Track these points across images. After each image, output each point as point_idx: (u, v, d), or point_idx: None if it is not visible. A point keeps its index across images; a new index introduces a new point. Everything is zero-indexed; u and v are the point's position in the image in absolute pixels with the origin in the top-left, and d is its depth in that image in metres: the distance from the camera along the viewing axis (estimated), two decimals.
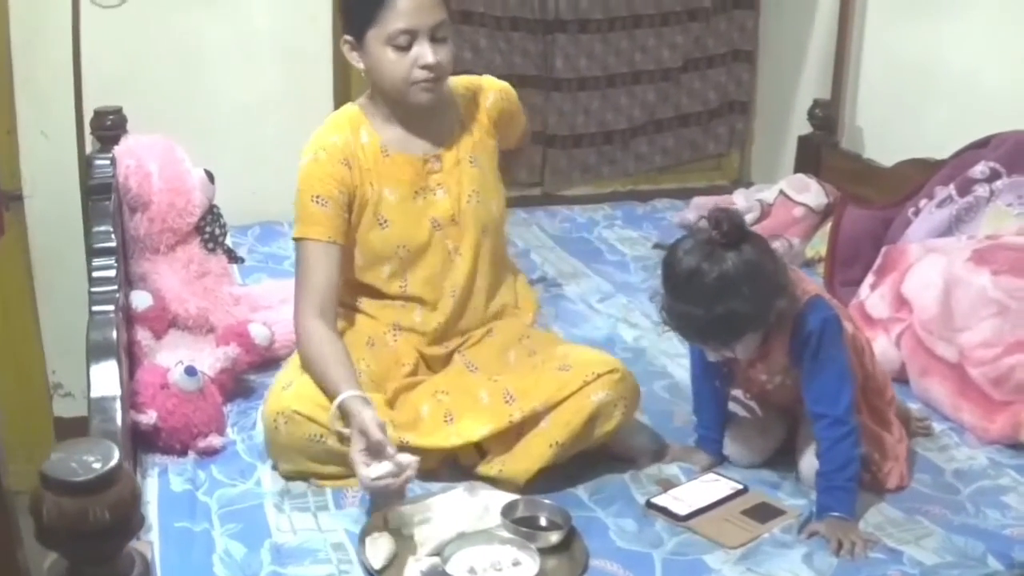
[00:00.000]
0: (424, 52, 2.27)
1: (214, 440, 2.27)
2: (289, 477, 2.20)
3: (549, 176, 3.99)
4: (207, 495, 2.14)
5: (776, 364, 2.17)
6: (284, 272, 3.14)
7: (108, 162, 2.43)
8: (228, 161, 3.36)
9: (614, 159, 4.05)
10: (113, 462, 1.35)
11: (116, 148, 2.60)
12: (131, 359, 2.41)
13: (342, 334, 2.36)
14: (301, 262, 2.32)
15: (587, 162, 4.02)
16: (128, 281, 2.58)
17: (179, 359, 2.35)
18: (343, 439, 2.10)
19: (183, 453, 2.25)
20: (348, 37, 2.34)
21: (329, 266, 2.30)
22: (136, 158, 2.55)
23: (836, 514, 2.04)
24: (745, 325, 2.05)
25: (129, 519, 1.37)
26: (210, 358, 2.42)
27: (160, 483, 2.17)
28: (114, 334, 1.95)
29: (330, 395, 2.12)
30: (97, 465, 1.34)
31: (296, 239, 2.33)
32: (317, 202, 2.30)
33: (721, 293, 2.00)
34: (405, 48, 2.27)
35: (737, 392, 2.35)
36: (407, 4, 2.25)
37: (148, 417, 2.21)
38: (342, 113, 2.44)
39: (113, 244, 2.27)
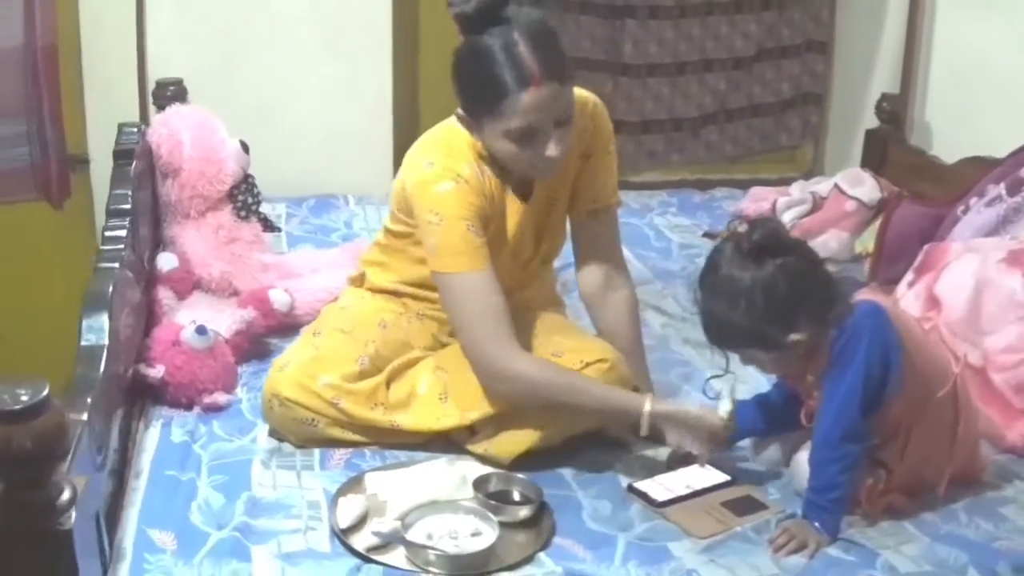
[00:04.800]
0: (548, 146, 2.09)
1: (219, 397, 2.35)
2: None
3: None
4: (202, 448, 2.22)
5: (819, 368, 2.07)
6: (330, 243, 3.24)
7: (135, 130, 2.54)
8: (288, 135, 3.49)
9: (683, 147, 4.01)
10: (40, 396, 1.43)
11: (155, 117, 2.72)
12: (151, 317, 2.52)
13: (357, 307, 2.41)
14: (468, 296, 2.15)
15: (655, 149, 4.00)
16: (161, 243, 2.70)
17: (197, 319, 2.44)
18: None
19: (189, 407, 2.34)
20: (461, 112, 2.16)
21: (499, 292, 2.16)
22: (169, 127, 2.67)
23: (816, 524, 1.99)
24: (735, 338, 2.03)
25: (52, 448, 1.45)
26: (228, 320, 2.51)
27: (162, 434, 2.26)
28: (110, 289, 2.04)
29: (625, 412, 2.15)
30: (25, 397, 1.43)
31: (450, 272, 2.16)
32: (472, 230, 2.14)
33: (720, 296, 2.00)
34: (525, 141, 2.10)
35: None
36: (533, 102, 2.04)
37: (156, 371, 2.31)
38: (460, 139, 2.20)
39: (128, 207, 2.36)
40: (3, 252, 3.34)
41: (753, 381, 2.38)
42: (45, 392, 1.44)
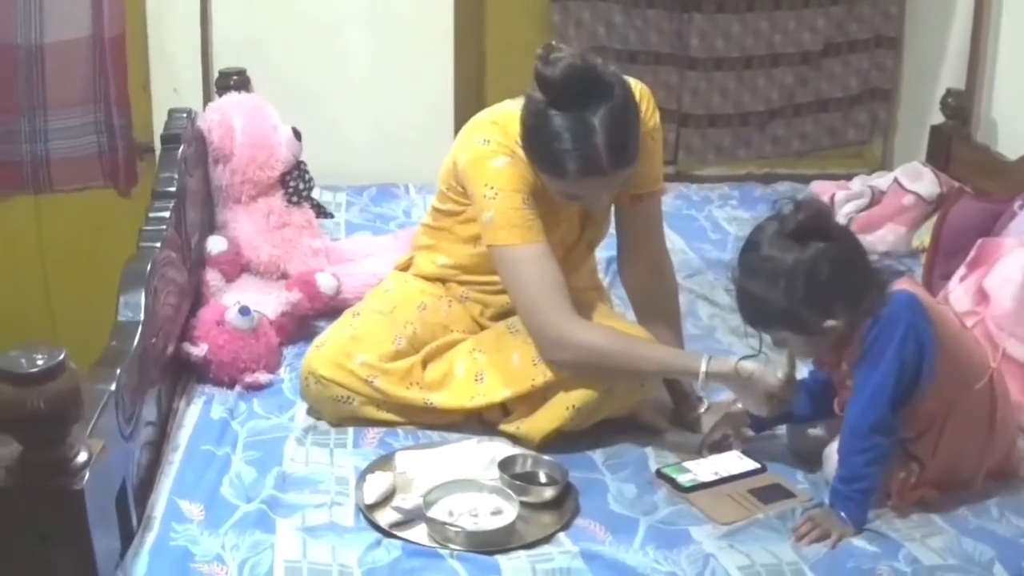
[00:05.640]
0: (597, 203, 2.23)
1: (260, 376, 2.41)
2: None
3: (683, 155, 3.97)
4: (240, 425, 2.28)
5: (854, 359, 2.04)
6: (388, 231, 3.29)
7: (184, 115, 2.63)
8: (350, 124, 3.55)
9: (750, 141, 3.99)
10: (56, 361, 1.50)
11: (209, 104, 2.79)
12: (200, 298, 2.59)
13: (399, 289, 2.44)
14: (526, 267, 2.18)
15: (722, 143, 3.98)
16: (213, 227, 2.78)
17: (243, 300, 2.50)
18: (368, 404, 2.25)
19: (231, 386, 2.40)
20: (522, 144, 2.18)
21: (556, 264, 2.20)
22: (221, 113, 2.75)
23: (842, 514, 1.96)
24: (772, 318, 1.99)
25: (66, 411, 1.51)
26: (274, 302, 2.57)
27: (202, 410, 2.32)
28: (148, 267, 2.11)
29: (683, 372, 2.21)
30: (41, 362, 1.49)
31: (506, 245, 2.18)
32: (527, 204, 2.18)
33: (759, 275, 1.96)
34: (576, 199, 2.20)
35: None
36: (594, 185, 2.12)
37: (199, 350, 2.38)
38: (514, 124, 2.19)
39: (173, 189, 2.43)
40: (72, 238, 3.48)
41: None
42: (61, 357, 1.51)
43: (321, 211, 2.96)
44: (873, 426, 1.95)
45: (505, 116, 2.23)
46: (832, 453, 2.07)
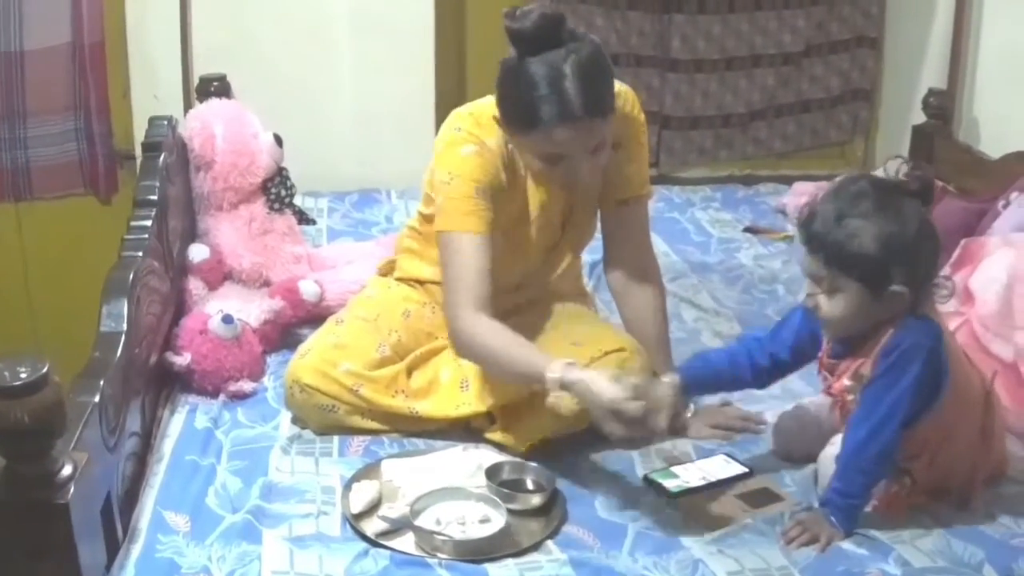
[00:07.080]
0: (578, 170, 2.13)
1: (244, 385, 2.40)
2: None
3: (664, 157, 3.96)
4: (224, 434, 2.26)
5: (860, 372, 2.00)
6: (370, 237, 3.27)
7: (164, 123, 2.62)
8: (331, 130, 3.54)
9: (732, 143, 3.99)
10: (39, 373, 1.49)
11: (189, 112, 2.78)
12: (183, 307, 2.57)
13: (382, 296, 2.43)
14: (456, 255, 2.16)
15: (704, 144, 3.98)
16: (195, 235, 2.76)
17: (226, 308, 2.48)
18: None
19: (214, 395, 2.38)
20: (498, 117, 2.18)
21: (485, 259, 2.16)
22: (202, 121, 2.73)
23: (832, 518, 1.96)
24: (853, 260, 1.89)
25: (50, 424, 1.50)
26: (257, 310, 2.55)
27: (186, 420, 2.30)
28: (131, 276, 2.10)
29: (534, 378, 2.04)
30: (24, 374, 1.48)
31: (447, 231, 2.18)
32: (479, 194, 2.16)
33: (865, 215, 1.89)
34: (554, 162, 2.13)
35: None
36: (569, 134, 2.07)
37: (182, 359, 2.36)
38: (490, 114, 2.20)
39: (154, 198, 2.42)
40: (52, 247, 3.45)
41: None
42: (44, 370, 1.50)
43: (303, 217, 2.94)
44: (880, 453, 1.94)
45: (481, 107, 2.24)
46: (826, 467, 2.06)
